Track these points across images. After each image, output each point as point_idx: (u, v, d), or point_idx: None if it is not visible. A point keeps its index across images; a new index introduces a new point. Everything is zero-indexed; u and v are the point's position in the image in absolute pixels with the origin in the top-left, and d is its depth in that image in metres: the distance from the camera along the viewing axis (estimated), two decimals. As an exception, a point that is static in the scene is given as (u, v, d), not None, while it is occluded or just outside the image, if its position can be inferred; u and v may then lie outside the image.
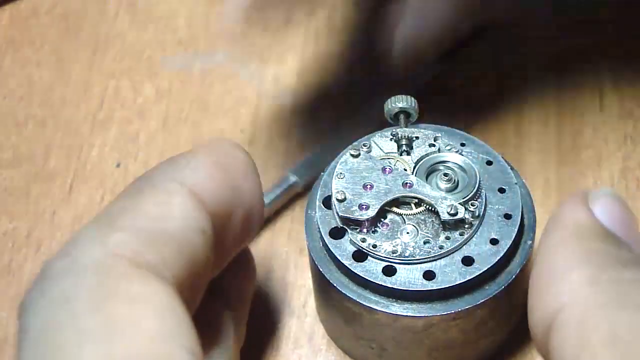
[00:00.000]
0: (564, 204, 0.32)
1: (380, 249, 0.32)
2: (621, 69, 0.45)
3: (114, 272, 0.25)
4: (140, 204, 0.27)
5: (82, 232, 0.27)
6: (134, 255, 0.26)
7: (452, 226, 0.33)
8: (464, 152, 0.35)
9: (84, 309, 0.24)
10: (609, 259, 0.29)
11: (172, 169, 0.29)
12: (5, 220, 0.42)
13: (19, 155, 0.44)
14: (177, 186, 0.28)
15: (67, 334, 0.24)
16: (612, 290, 0.27)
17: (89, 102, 0.46)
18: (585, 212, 0.31)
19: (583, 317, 0.27)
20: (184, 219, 0.28)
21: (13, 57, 0.48)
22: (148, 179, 0.29)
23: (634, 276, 0.28)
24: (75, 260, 0.25)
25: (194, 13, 0.48)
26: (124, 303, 0.24)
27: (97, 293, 0.24)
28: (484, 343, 0.36)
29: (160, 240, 0.27)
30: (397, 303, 0.32)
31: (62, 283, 0.25)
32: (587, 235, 0.30)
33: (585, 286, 0.28)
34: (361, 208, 0.33)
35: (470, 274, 0.32)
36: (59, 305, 0.24)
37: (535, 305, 0.29)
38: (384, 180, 0.33)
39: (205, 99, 0.46)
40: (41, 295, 0.25)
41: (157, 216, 0.27)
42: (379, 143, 0.35)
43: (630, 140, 0.43)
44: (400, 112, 0.35)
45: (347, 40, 0.41)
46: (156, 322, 0.24)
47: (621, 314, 0.26)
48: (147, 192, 0.28)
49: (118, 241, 0.26)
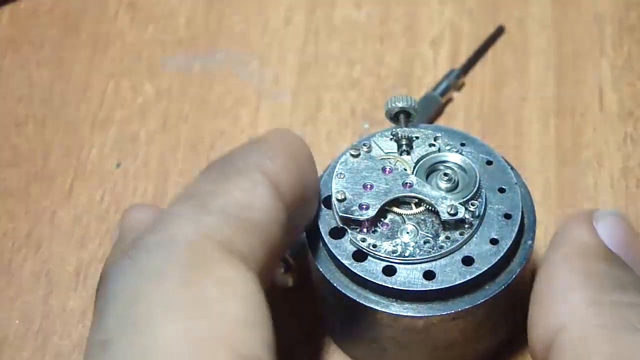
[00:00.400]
0: (569, 221, 0.32)
1: (380, 248, 0.32)
2: (621, 69, 0.45)
3: (206, 253, 0.26)
4: (229, 190, 0.28)
5: (174, 210, 0.27)
6: (225, 240, 0.26)
7: (452, 226, 0.33)
8: (464, 152, 0.34)
9: (175, 284, 0.25)
10: (610, 281, 0.29)
11: (254, 156, 0.30)
12: (5, 220, 0.42)
13: (19, 155, 0.44)
14: (260, 176, 0.29)
15: (156, 306, 0.24)
16: (612, 313, 0.28)
17: (89, 102, 0.46)
18: (590, 231, 0.31)
19: (583, 338, 0.27)
20: (267, 210, 0.28)
21: (13, 57, 0.48)
22: (231, 163, 0.29)
23: (634, 300, 0.29)
24: (169, 236, 0.26)
25: (194, 13, 0.48)
26: (214, 284, 0.25)
27: (189, 270, 0.25)
28: (484, 343, 0.36)
29: (248, 229, 0.27)
30: (397, 303, 0.32)
31: (154, 256, 0.25)
32: (590, 255, 0.31)
33: (586, 307, 0.28)
34: (361, 208, 0.33)
35: (470, 274, 0.32)
36: (150, 277, 0.25)
37: (536, 322, 0.30)
38: (384, 180, 0.33)
39: (205, 99, 0.46)
40: (132, 265, 0.26)
41: (245, 204, 0.28)
42: (379, 143, 0.35)
43: (630, 140, 0.43)
44: (400, 111, 0.35)
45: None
46: (241, 308, 0.25)
47: (621, 336, 0.27)
48: (234, 178, 0.28)
49: (211, 224, 0.26)
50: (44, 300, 0.40)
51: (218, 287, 0.25)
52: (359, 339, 0.35)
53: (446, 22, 0.47)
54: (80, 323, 0.39)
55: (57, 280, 0.41)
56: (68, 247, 0.41)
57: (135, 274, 0.25)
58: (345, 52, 0.47)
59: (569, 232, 0.32)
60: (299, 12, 0.48)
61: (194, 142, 0.44)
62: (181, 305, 0.24)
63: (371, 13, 0.48)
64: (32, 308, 0.40)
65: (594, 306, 0.28)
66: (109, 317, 0.25)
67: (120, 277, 0.26)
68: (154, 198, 0.43)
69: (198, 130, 0.45)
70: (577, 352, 0.27)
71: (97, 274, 0.41)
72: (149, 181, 0.43)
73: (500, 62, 0.46)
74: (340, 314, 0.35)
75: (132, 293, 0.25)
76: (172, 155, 0.44)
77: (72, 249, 0.41)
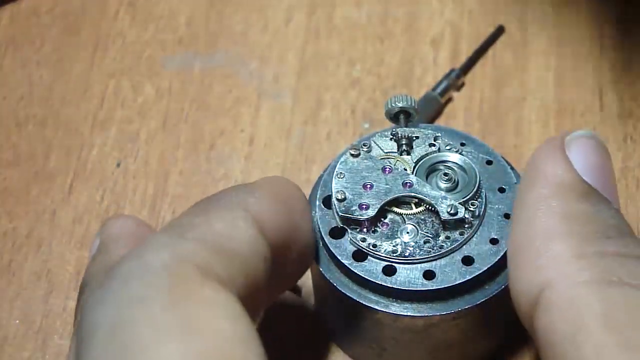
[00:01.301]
0: (541, 152, 0.31)
1: (380, 248, 0.32)
2: (621, 69, 0.45)
3: (185, 275, 0.25)
4: (209, 220, 0.28)
5: (150, 239, 0.27)
6: (203, 264, 0.26)
7: (452, 226, 0.33)
8: (463, 152, 0.35)
9: (159, 308, 0.24)
10: (592, 227, 0.28)
11: (237, 196, 0.30)
12: (5, 220, 0.42)
13: (19, 155, 0.44)
14: (242, 211, 0.29)
15: (144, 331, 0.24)
16: (598, 266, 0.27)
17: (89, 102, 0.46)
18: (565, 164, 0.30)
19: (571, 297, 0.26)
20: (247, 242, 0.28)
21: (13, 57, 0.47)
22: (213, 201, 0.30)
23: (618, 248, 0.28)
24: (145, 262, 0.26)
25: (194, 13, 0.48)
26: (199, 304, 0.25)
27: (171, 293, 0.25)
28: (484, 343, 0.36)
29: (227, 258, 0.27)
30: (397, 303, 0.32)
31: (133, 283, 0.25)
32: (569, 194, 0.29)
33: (571, 261, 0.27)
34: (361, 208, 0.33)
35: (470, 274, 0.32)
36: (132, 304, 0.24)
37: (519, 276, 0.29)
38: (384, 180, 0.33)
39: (205, 99, 0.46)
40: (110, 294, 0.25)
41: (225, 234, 0.28)
42: (379, 143, 0.35)
43: (630, 140, 0.43)
44: (400, 111, 0.35)
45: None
46: (231, 327, 0.24)
47: (611, 291, 0.26)
48: (214, 212, 0.28)
49: (188, 250, 0.26)
50: (44, 300, 0.40)
51: (204, 307, 0.25)
52: (358, 339, 0.35)
53: (446, 22, 0.47)
54: (80, 323, 0.39)
55: (57, 280, 0.41)
56: (68, 247, 0.41)
57: (115, 302, 0.25)
58: (345, 52, 0.47)
59: (542, 167, 0.30)
60: (299, 12, 0.48)
61: (194, 141, 0.44)
62: (170, 326, 0.24)
63: (371, 13, 0.48)
64: (32, 308, 0.40)
65: (579, 260, 0.27)
66: (95, 349, 0.24)
67: (99, 308, 0.25)
68: (154, 198, 0.43)
69: (198, 130, 0.45)
70: (567, 314, 0.26)
71: (97, 273, 0.41)
72: (149, 181, 0.43)
73: (500, 62, 0.46)
74: (340, 314, 0.35)
75: (115, 321, 0.24)
76: (172, 155, 0.44)
77: (72, 249, 0.41)
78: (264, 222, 0.29)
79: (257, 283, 0.28)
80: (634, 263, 0.27)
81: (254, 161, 0.43)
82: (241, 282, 0.27)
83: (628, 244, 0.28)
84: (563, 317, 0.26)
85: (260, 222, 0.29)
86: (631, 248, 0.28)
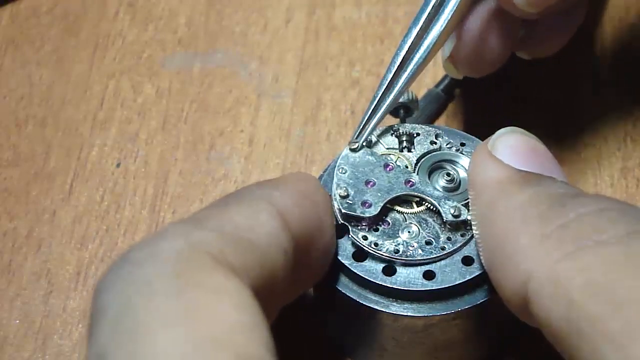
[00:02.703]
0: (471, 164, 0.31)
1: (381, 247, 0.32)
2: (621, 69, 0.45)
3: (196, 262, 0.25)
4: (228, 213, 0.28)
5: (167, 228, 0.27)
6: (216, 253, 0.26)
7: (454, 227, 0.33)
8: (464, 152, 0.34)
9: (164, 294, 0.24)
10: (545, 205, 0.28)
11: (260, 190, 0.30)
12: (5, 220, 0.42)
13: (19, 155, 0.44)
14: (264, 204, 0.29)
15: (146, 315, 0.24)
16: (565, 238, 0.27)
17: (89, 102, 0.46)
18: (495, 164, 0.30)
19: (553, 280, 0.26)
20: (268, 235, 0.28)
21: (13, 57, 0.48)
22: (235, 195, 0.30)
23: (577, 211, 0.27)
24: (157, 249, 0.26)
25: (194, 13, 0.48)
26: (205, 292, 0.25)
27: (179, 279, 0.25)
28: (484, 343, 0.36)
29: (243, 247, 0.27)
30: (397, 303, 0.32)
31: (143, 268, 0.25)
32: (510, 189, 0.29)
33: (540, 246, 0.27)
34: (363, 205, 0.33)
35: (470, 274, 0.32)
36: (139, 288, 0.25)
37: (502, 285, 0.29)
38: (386, 177, 0.33)
39: (205, 99, 0.46)
40: (121, 278, 0.25)
41: (243, 226, 0.28)
42: (380, 138, 0.35)
43: (630, 140, 0.43)
44: (400, 106, 0.35)
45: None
46: (236, 314, 0.24)
47: (585, 257, 0.26)
48: (234, 205, 0.29)
49: (202, 238, 0.26)
50: (44, 300, 0.40)
51: (211, 294, 0.25)
52: (358, 339, 0.35)
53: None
54: (81, 323, 0.39)
55: (57, 280, 0.41)
56: (68, 247, 0.41)
57: (124, 285, 0.25)
58: (345, 52, 0.47)
59: (476, 178, 0.30)
60: (299, 12, 0.48)
61: (194, 142, 0.44)
62: (175, 312, 0.24)
63: (371, 13, 0.48)
64: (32, 308, 0.40)
65: (546, 241, 0.27)
66: (102, 331, 0.24)
67: (110, 290, 0.25)
68: (154, 198, 0.43)
69: (198, 130, 0.45)
70: (555, 298, 0.26)
71: (97, 274, 0.41)
72: (149, 181, 0.43)
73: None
74: (340, 314, 0.35)
75: (123, 304, 0.25)
76: (172, 155, 0.44)
77: (72, 249, 0.41)
78: (288, 216, 0.29)
79: (274, 275, 0.28)
80: (595, 217, 0.27)
81: (253, 161, 0.43)
82: (257, 273, 0.27)
83: (584, 202, 0.28)
84: (553, 302, 0.26)
85: (284, 215, 0.29)
86: (589, 205, 0.28)
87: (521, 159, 0.30)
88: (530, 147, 0.31)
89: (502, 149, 0.31)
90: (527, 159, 0.30)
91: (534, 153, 0.31)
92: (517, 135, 0.31)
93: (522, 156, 0.30)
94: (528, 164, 0.30)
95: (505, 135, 0.31)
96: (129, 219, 0.42)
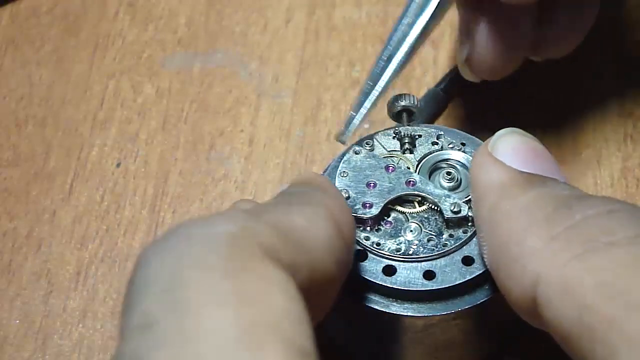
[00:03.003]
0: (472, 168, 0.31)
1: (384, 247, 0.32)
2: (621, 69, 0.45)
3: (247, 250, 0.25)
4: (289, 212, 0.28)
5: (224, 212, 0.27)
6: (267, 245, 0.26)
7: (455, 224, 0.33)
8: (466, 151, 0.34)
9: (218, 274, 0.24)
10: (550, 207, 0.28)
11: (317, 194, 0.30)
12: (5, 220, 0.42)
13: (19, 155, 0.44)
14: (324, 210, 0.29)
15: (200, 291, 0.24)
16: (574, 239, 0.27)
17: (89, 102, 0.46)
18: (497, 167, 0.30)
19: (563, 280, 0.26)
20: (323, 241, 0.28)
21: (13, 57, 0.48)
22: (295, 195, 0.30)
23: (584, 213, 0.27)
24: (212, 229, 0.26)
25: (194, 13, 0.48)
26: (257, 278, 0.24)
27: (231, 262, 0.25)
28: (484, 343, 0.36)
29: (296, 247, 0.27)
30: (397, 303, 0.32)
31: (197, 246, 0.25)
32: (514, 191, 0.29)
33: (547, 248, 0.27)
34: (365, 206, 0.33)
35: (470, 274, 0.32)
36: (192, 263, 0.24)
37: (508, 287, 0.28)
38: (387, 178, 0.33)
39: (205, 99, 0.46)
40: (172, 251, 0.25)
41: (300, 227, 0.27)
42: (382, 141, 0.35)
43: (630, 140, 0.43)
44: (403, 110, 0.35)
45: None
46: (287, 303, 0.24)
47: (595, 258, 0.26)
48: (296, 206, 0.28)
49: (258, 229, 0.26)
50: (44, 300, 0.40)
51: (262, 281, 0.24)
52: (358, 339, 0.35)
53: (446, 22, 0.47)
54: (81, 323, 0.39)
55: (57, 280, 0.41)
56: (68, 247, 0.41)
57: (175, 259, 0.25)
58: (345, 52, 0.47)
59: (478, 180, 0.30)
60: (299, 12, 0.48)
61: (193, 142, 0.44)
62: (226, 293, 0.24)
63: (371, 13, 0.48)
64: (32, 308, 0.40)
65: (554, 243, 0.27)
66: (149, 301, 0.24)
67: (159, 260, 0.25)
68: (154, 198, 0.43)
69: (198, 130, 0.45)
70: (566, 300, 0.26)
71: (97, 273, 0.41)
72: (149, 181, 0.43)
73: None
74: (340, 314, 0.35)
75: (173, 278, 0.24)
76: (172, 155, 0.44)
77: (72, 249, 0.41)
78: (342, 224, 0.29)
79: (323, 281, 0.28)
80: (604, 219, 0.27)
81: (253, 161, 0.43)
82: (305, 274, 0.26)
83: (591, 204, 0.28)
84: (564, 305, 0.26)
85: (339, 223, 0.29)
86: (595, 206, 0.27)
87: (522, 160, 0.30)
88: (530, 147, 0.31)
89: (503, 150, 0.31)
90: (527, 160, 0.30)
91: (534, 154, 0.31)
92: (517, 136, 0.31)
93: (522, 157, 0.30)
94: (529, 165, 0.30)
95: (506, 136, 0.31)
96: (129, 219, 0.42)
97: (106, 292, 0.40)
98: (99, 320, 0.39)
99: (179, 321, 0.23)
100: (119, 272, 0.41)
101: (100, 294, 0.40)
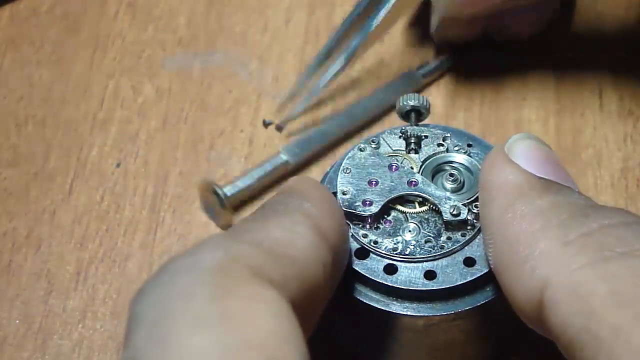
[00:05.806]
0: (486, 168, 0.31)
1: (381, 245, 0.32)
2: (621, 69, 0.45)
3: (234, 273, 0.25)
4: (267, 227, 0.28)
5: (206, 240, 0.27)
6: (254, 266, 0.26)
7: (455, 227, 0.33)
8: (471, 153, 0.34)
9: (201, 301, 0.24)
10: (566, 213, 0.28)
11: (294, 201, 0.30)
12: (5, 220, 0.42)
13: (19, 155, 0.44)
14: (301, 217, 0.29)
15: (183, 321, 0.24)
16: (588, 246, 0.26)
17: (89, 102, 0.46)
18: (512, 167, 0.30)
19: (573, 288, 0.26)
20: (306, 248, 0.28)
21: (13, 57, 0.47)
22: (271, 207, 0.30)
23: (600, 222, 0.27)
24: (196, 260, 0.26)
25: (194, 13, 0.48)
26: (242, 300, 0.25)
27: (216, 288, 0.25)
28: (484, 344, 0.36)
29: (282, 261, 0.27)
30: (397, 302, 0.32)
31: (181, 278, 0.25)
32: (529, 192, 0.29)
33: (560, 252, 0.27)
34: (364, 204, 0.33)
35: (471, 275, 0.32)
36: (176, 297, 0.25)
37: (514, 289, 0.28)
38: (389, 177, 0.33)
39: (205, 99, 0.46)
40: (159, 287, 0.26)
41: (282, 240, 0.28)
42: (388, 140, 0.35)
43: (630, 140, 0.43)
44: (412, 110, 0.35)
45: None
46: (273, 322, 0.24)
47: (609, 267, 0.26)
48: (273, 218, 0.28)
49: (242, 251, 0.26)
50: (44, 300, 0.40)
51: (247, 302, 0.24)
52: (359, 338, 0.35)
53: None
54: (81, 323, 0.39)
55: (57, 280, 0.41)
56: (68, 247, 0.41)
57: (161, 294, 0.25)
58: (345, 52, 0.47)
59: (493, 180, 0.30)
60: (299, 12, 0.48)
61: (193, 142, 0.44)
62: (209, 318, 0.24)
63: (371, 13, 0.48)
64: (32, 308, 0.40)
65: (568, 248, 0.26)
66: (137, 336, 0.25)
67: (147, 299, 0.25)
68: (153, 198, 0.43)
69: (198, 130, 0.45)
70: (574, 306, 0.25)
71: (97, 273, 0.41)
72: (149, 181, 0.43)
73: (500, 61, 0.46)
74: (340, 313, 0.35)
75: (158, 312, 0.25)
76: (172, 155, 0.44)
77: (72, 249, 0.41)
78: (324, 228, 0.29)
79: (313, 289, 0.28)
80: (620, 230, 0.27)
81: (253, 161, 0.43)
82: (296, 287, 0.27)
83: (606, 214, 0.28)
84: (572, 310, 0.25)
85: (320, 227, 0.29)
86: (611, 217, 0.27)
87: (537, 166, 0.30)
88: (545, 154, 0.31)
89: (520, 153, 0.30)
90: (542, 167, 0.30)
91: (549, 161, 0.31)
92: (534, 142, 0.31)
93: (538, 162, 0.30)
94: (544, 170, 0.30)
95: (522, 140, 0.31)
96: (129, 219, 0.42)
97: (106, 292, 0.40)
98: (98, 320, 0.39)
99: (164, 353, 0.23)
100: (119, 272, 0.41)
101: (100, 294, 0.40)
